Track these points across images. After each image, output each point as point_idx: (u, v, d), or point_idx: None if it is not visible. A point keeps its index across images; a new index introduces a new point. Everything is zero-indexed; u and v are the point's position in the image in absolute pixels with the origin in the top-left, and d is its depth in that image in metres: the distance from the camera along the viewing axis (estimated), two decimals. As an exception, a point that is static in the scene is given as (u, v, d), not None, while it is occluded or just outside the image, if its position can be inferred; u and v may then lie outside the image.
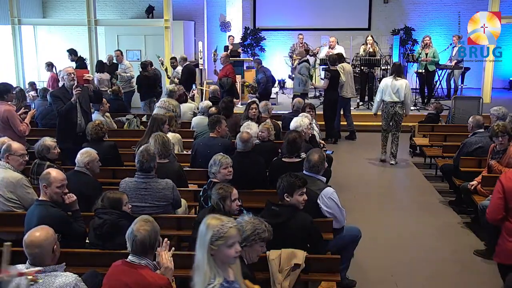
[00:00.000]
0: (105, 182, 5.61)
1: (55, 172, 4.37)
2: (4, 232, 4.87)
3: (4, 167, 5.02)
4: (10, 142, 5.19)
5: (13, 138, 6.26)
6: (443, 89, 13.39)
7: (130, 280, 3.11)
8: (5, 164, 5.03)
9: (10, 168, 5.03)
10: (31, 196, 4.95)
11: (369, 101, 12.59)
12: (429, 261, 5.66)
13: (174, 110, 8.23)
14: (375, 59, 12.49)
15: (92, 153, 5.13)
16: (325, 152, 6.45)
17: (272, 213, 4.05)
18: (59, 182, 4.31)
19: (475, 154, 6.88)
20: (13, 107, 7.08)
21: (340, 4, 15.71)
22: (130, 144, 7.18)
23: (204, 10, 15.68)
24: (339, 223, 4.70)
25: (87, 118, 7.03)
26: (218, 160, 4.73)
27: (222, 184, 4.18)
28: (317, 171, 4.74)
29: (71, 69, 7.23)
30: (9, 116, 6.75)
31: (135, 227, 3.23)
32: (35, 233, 3.18)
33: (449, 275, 5.38)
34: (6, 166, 5.02)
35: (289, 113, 8.64)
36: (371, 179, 8.64)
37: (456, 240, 6.25)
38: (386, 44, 15.51)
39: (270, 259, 3.84)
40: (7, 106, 6.87)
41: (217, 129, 6.38)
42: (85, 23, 13.96)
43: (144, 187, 4.73)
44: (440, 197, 7.73)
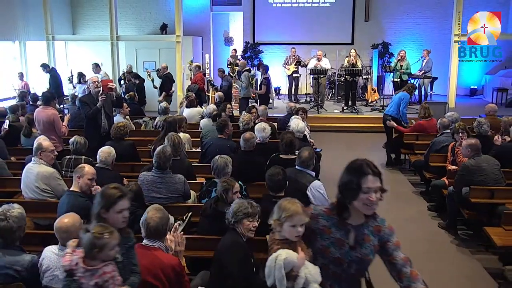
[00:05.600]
0: (125, 175, 5.59)
1: (87, 167, 4.41)
2: (41, 218, 4.89)
3: (38, 163, 5.04)
4: (40, 141, 5.19)
5: (54, 138, 6.37)
6: (415, 95, 13.38)
7: (146, 261, 3.09)
8: (39, 160, 5.05)
9: (43, 163, 5.05)
10: (62, 187, 4.96)
11: (352, 106, 12.59)
12: (404, 240, 5.63)
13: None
14: (358, 69, 12.47)
15: (106, 150, 5.18)
16: (315, 150, 6.44)
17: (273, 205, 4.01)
18: (90, 175, 4.33)
19: (442, 151, 6.89)
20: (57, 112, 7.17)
21: (328, 22, 15.70)
22: (146, 142, 7.18)
23: (210, 27, 15.71)
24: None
25: (109, 120, 7.04)
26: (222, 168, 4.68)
27: (226, 178, 4.16)
28: (307, 166, 4.72)
29: (96, 78, 7.29)
30: (55, 119, 6.86)
31: (148, 215, 3.21)
32: (64, 219, 3.18)
33: (421, 252, 5.43)
34: (39, 162, 5.04)
35: (284, 116, 8.62)
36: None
37: (425, 224, 6.33)
38: (367, 57, 15.48)
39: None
40: (54, 111, 7.00)
41: (226, 131, 6.40)
42: (108, 39, 14.04)
43: (159, 181, 4.72)
44: (413, 188, 7.75)
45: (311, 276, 2.47)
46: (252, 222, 3.38)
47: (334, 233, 2.51)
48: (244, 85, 11.30)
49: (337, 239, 2.50)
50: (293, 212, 2.59)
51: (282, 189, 4.16)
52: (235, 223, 3.37)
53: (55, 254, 3.13)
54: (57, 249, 3.15)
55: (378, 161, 9.20)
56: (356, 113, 12.42)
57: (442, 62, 13.79)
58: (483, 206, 5.43)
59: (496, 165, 5.57)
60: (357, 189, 2.34)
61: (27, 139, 7.21)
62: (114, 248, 2.60)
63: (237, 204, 3.44)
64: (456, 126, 6.61)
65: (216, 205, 4.04)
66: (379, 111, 12.72)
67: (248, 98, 11.57)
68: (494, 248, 5.18)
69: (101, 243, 2.53)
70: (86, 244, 2.55)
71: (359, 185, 2.33)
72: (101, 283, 2.53)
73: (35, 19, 13.88)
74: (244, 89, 11.33)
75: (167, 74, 11.83)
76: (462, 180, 5.55)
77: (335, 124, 11.90)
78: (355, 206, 2.40)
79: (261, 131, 6.13)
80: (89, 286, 2.53)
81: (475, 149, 5.55)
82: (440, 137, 7.11)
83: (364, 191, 2.33)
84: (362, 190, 2.33)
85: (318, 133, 10.24)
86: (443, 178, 6.45)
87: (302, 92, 14.92)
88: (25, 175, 5.07)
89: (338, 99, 14.38)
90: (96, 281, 2.53)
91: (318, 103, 12.64)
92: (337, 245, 2.50)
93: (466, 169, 5.54)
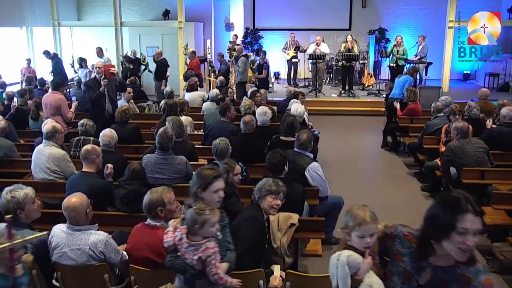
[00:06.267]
0: (129, 157, 5.59)
1: (98, 148, 4.50)
2: (49, 197, 4.89)
3: (49, 145, 5.08)
4: (54, 124, 5.24)
5: (59, 122, 6.40)
6: (411, 80, 13.33)
7: (150, 240, 3.12)
8: (50, 142, 5.08)
9: (54, 145, 5.09)
10: (71, 170, 5.00)
11: (349, 90, 12.54)
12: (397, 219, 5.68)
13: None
14: (355, 54, 12.39)
15: (108, 133, 5.13)
16: (313, 132, 6.44)
17: None
18: (100, 154, 4.43)
19: (435, 134, 6.89)
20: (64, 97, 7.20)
21: (326, 8, 15.55)
22: (149, 125, 7.15)
23: (211, 13, 15.54)
24: (323, 193, 4.71)
25: (113, 104, 7.06)
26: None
27: (227, 160, 4.17)
28: (305, 148, 4.72)
29: (100, 63, 7.27)
30: (62, 104, 6.92)
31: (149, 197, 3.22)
32: (71, 199, 3.18)
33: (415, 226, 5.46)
34: (51, 144, 5.08)
35: (283, 99, 8.59)
36: (351, 155, 8.63)
37: (419, 203, 6.31)
38: (364, 42, 15.37)
39: (270, 220, 3.85)
40: (61, 96, 7.06)
41: (227, 115, 6.38)
42: (112, 24, 13.92)
43: (162, 162, 4.72)
44: (407, 169, 7.76)
45: (377, 286, 2.14)
46: (275, 199, 3.37)
47: (406, 263, 2.08)
48: (240, 70, 11.19)
49: (406, 271, 2.07)
50: (361, 221, 2.23)
51: (281, 171, 4.16)
52: (259, 199, 3.38)
53: (63, 232, 3.16)
54: (65, 227, 3.17)
55: (374, 143, 9.23)
56: (353, 97, 12.38)
57: (437, 47, 13.69)
58: (474, 187, 5.45)
59: (481, 149, 5.56)
60: (451, 228, 1.84)
61: (34, 122, 7.24)
62: (214, 225, 2.58)
63: (263, 181, 3.45)
64: (452, 108, 6.60)
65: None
66: (375, 95, 12.70)
67: (245, 83, 11.50)
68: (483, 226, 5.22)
69: (202, 219, 2.53)
70: (188, 220, 2.57)
71: (453, 224, 1.84)
72: (204, 258, 2.54)
73: (42, 5, 13.78)
74: (240, 74, 11.23)
75: (162, 60, 11.83)
76: (447, 161, 5.63)
77: (333, 107, 11.87)
78: (444, 247, 1.91)
79: (262, 114, 6.11)
80: (192, 260, 2.55)
81: (461, 132, 5.59)
82: (433, 120, 7.10)
83: (459, 232, 1.83)
84: (457, 230, 1.83)
85: (316, 116, 10.23)
86: (436, 159, 6.46)
87: (301, 77, 14.86)
88: (36, 156, 5.08)
89: (335, 83, 14.31)
90: (199, 256, 2.53)
91: (316, 87, 12.58)
92: (403, 277, 2.07)
93: (450, 151, 5.61)
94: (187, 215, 2.61)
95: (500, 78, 13.82)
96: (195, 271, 2.59)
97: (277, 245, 3.75)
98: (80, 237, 3.12)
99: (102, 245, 3.11)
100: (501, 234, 4.99)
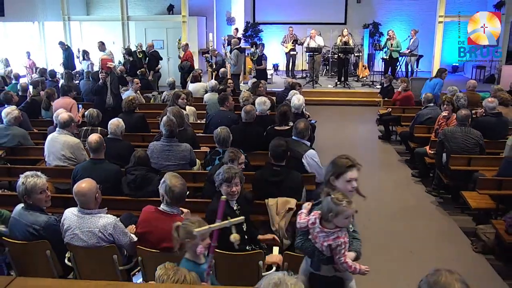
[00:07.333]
0: (136, 145, 5.58)
1: (101, 137, 4.47)
2: (61, 183, 4.91)
3: (64, 133, 5.12)
4: (69, 113, 5.37)
5: None
6: (402, 72, 13.26)
7: (168, 227, 2.91)
8: (64, 131, 5.11)
9: (67, 133, 5.13)
10: (84, 157, 5.05)
11: (345, 81, 12.48)
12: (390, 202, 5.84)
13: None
14: (350, 47, 12.31)
15: (115, 122, 5.08)
16: (310, 121, 6.42)
17: (274, 172, 4.02)
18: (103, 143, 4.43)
19: (426, 123, 6.89)
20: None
21: (323, 3, 15.42)
22: (155, 115, 7.13)
23: (213, 8, 15.43)
24: (320, 179, 4.70)
25: (115, 96, 7.13)
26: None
27: (233, 149, 4.10)
28: (302, 136, 4.71)
29: (105, 57, 7.37)
30: (73, 108, 7.00)
31: (171, 182, 3.09)
32: (82, 184, 3.18)
33: (404, 212, 5.59)
34: (65, 132, 5.11)
35: (282, 90, 8.56)
36: (346, 143, 8.61)
37: (409, 188, 6.39)
38: (358, 36, 15.31)
39: (269, 204, 3.84)
40: (71, 100, 7.17)
41: (226, 104, 6.35)
42: (119, 19, 13.88)
43: (168, 149, 4.71)
44: (399, 156, 7.76)
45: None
46: (229, 187, 3.31)
47: None
48: (232, 62, 10.97)
49: None
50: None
51: (283, 159, 4.12)
52: (219, 188, 3.36)
53: (74, 215, 3.16)
54: (76, 211, 3.18)
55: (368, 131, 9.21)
56: (348, 88, 12.33)
57: (428, 41, 13.60)
58: (461, 173, 5.47)
59: (472, 138, 5.55)
60: None
61: (46, 111, 7.24)
62: (349, 217, 2.44)
63: (217, 171, 3.40)
64: (443, 98, 6.59)
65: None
66: (369, 86, 12.65)
67: (238, 75, 11.32)
68: (469, 210, 5.26)
69: (337, 209, 2.40)
70: (324, 207, 2.45)
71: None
72: (333, 246, 2.42)
73: (53, 1, 13.69)
74: (233, 66, 11.02)
75: (153, 52, 11.83)
76: (440, 142, 5.68)
77: (329, 98, 11.83)
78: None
79: (261, 104, 6.09)
80: (322, 246, 2.44)
81: (459, 119, 5.63)
82: (424, 110, 7.08)
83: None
84: None
85: (313, 106, 10.18)
86: (425, 146, 6.46)
87: (299, 69, 14.79)
88: (50, 144, 5.08)
89: (331, 75, 14.25)
90: (330, 244, 2.42)
91: (313, 79, 12.52)
92: None
93: (443, 135, 5.67)
94: (323, 202, 2.48)
95: (487, 70, 13.79)
96: (323, 256, 2.49)
97: (276, 228, 3.77)
98: (90, 220, 3.13)
99: (111, 228, 3.12)
100: (485, 217, 5.03)
